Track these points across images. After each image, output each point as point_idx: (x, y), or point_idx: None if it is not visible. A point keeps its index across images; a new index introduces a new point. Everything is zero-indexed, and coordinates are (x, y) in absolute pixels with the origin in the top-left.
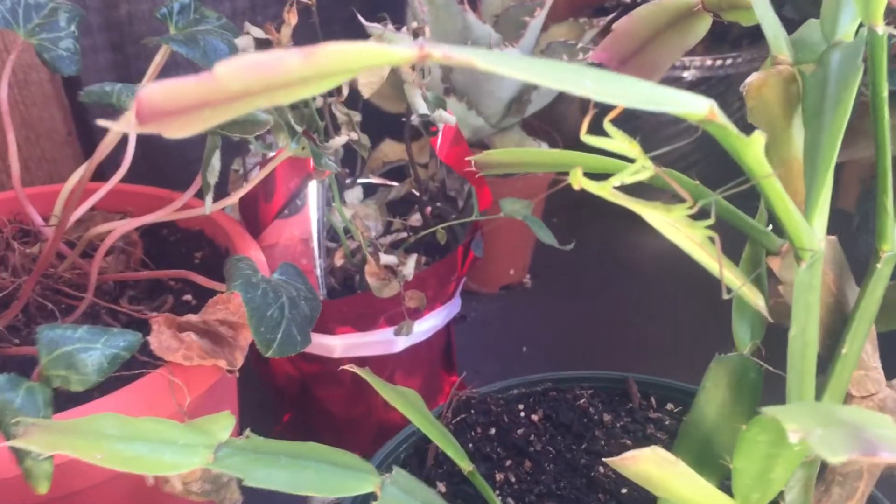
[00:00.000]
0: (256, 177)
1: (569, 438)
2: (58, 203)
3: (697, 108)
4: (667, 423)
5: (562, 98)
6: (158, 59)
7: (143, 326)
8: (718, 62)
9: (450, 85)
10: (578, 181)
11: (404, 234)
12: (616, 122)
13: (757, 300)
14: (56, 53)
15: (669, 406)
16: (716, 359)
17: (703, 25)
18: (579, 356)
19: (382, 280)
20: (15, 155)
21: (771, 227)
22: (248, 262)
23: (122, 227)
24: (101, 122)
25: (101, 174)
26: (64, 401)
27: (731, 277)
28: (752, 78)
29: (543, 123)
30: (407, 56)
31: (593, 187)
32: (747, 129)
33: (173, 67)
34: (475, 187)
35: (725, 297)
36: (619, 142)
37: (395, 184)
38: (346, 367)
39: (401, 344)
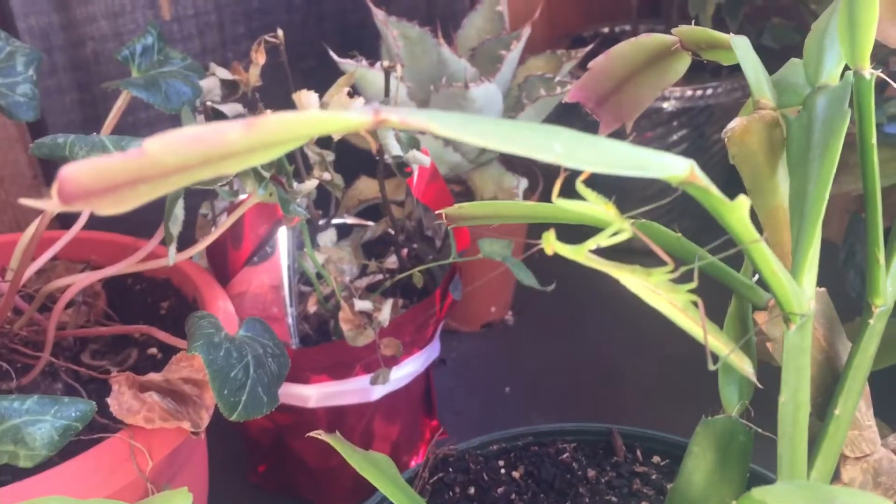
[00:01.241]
0: (223, 224)
1: (552, 496)
2: (14, 255)
3: (677, 170)
4: (653, 477)
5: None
6: (119, 104)
7: (105, 384)
8: (699, 92)
9: None
10: (551, 246)
11: (380, 277)
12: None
13: (745, 366)
14: (13, 100)
15: (656, 459)
16: (702, 422)
17: (682, 64)
18: (563, 396)
19: (357, 328)
20: None
21: (757, 277)
22: (211, 320)
23: (83, 280)
24: (24, 201)
25: (66, 220)
26: (19, 469)
27: (718, 344)
28: (735, 123)
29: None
30: (360, 123)
31: (568, 252)
32: (729, 166)
33: (141, 107)
34: (452, 228)
35: (712, 367)
36: (593, 205)
37: (370, 223)
38: (314, 434)
39: (378, 392)
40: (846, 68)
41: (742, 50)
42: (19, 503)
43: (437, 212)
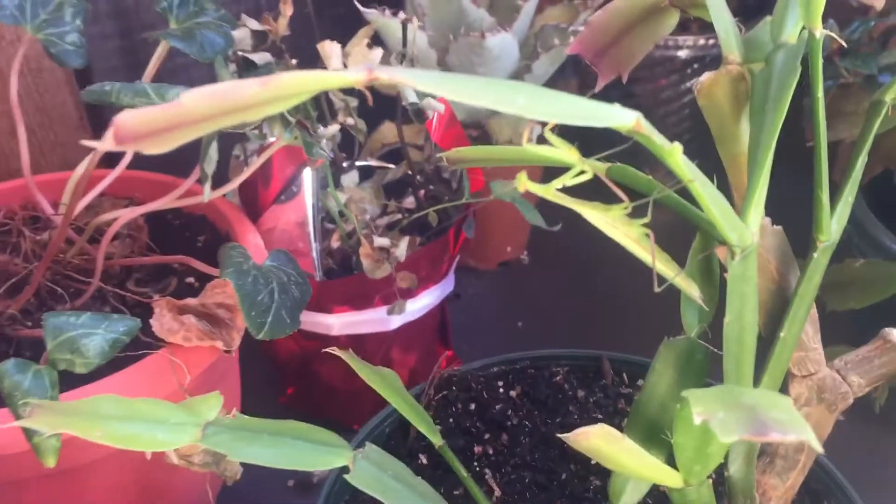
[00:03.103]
0: (253, 165)
1: (544, 413)
2: (66, 191)
3: (624, 120)
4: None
5: (559, 75)
6: (160, 52)
7: (147, 308)
8: (711, 41)
9: (445, 67)
10: (523, 184)
11: (399, 216)
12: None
13: (691, 290)
14: (62, 48)
15: (640, 382)
16: (664, 342)
17: (672, 20)
18: (573, 331)
19: (376, 262)
20: (25, 145)
21: None
22: (240, 251)
23: (127, 214)
24: (85, 143)
25: (111, 160)
26: (75, 379)
27: (665, 270)
28: (704, 77)
29: None
30: (356, 80)
31: (537, 189)
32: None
33: (179, 53)
34: (467, 170)
35: (657, 289)
36: (559, 150)
37: (392, 166)
38: (329, 349)
39: (395, 322)
40: (803, 28)
41: (715, 8)
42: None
43: (438, 154)
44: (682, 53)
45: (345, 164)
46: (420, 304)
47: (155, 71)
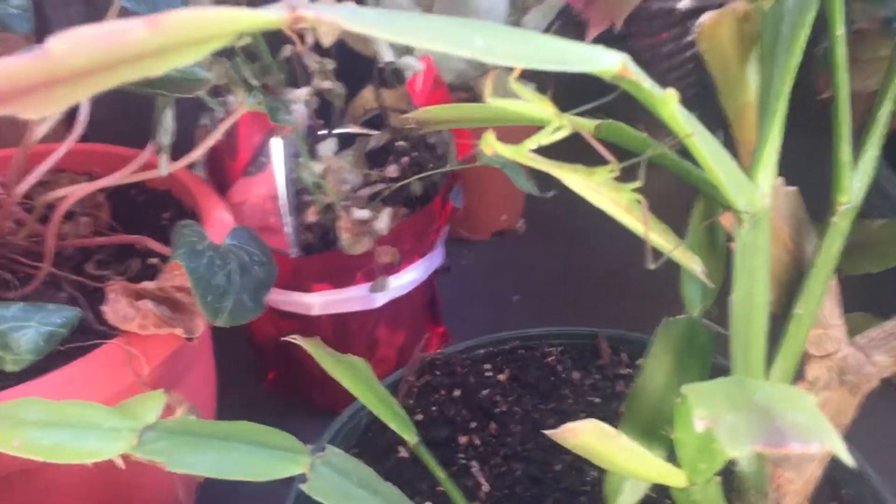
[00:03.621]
0: (212, 135)
1: (536, 398)
2: (11, 167)
3: (607, 64)
4: None
5: (553, 31)
6: (112, 13)
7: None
8: None
9: None
10: (490, 146)
11: (382, 186)
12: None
13: (692, 264)
14: (5, 11)
15: (640, 361)
16: (663, 322)
17: None
18: (572, 305)
19: (355, 236)
20: None
21: None
22: (194, 229)
23: (78, 191)
24: None
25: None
26: (26, 372)
27: (661, 242)
28: (705, 17)
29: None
30: (275, 20)
31: (508, 151)
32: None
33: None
34: (453, 135)
35: (651, 266)
36: (529, 103)
37: (375, 132)
38: (288, 338)
39: (380, 299)
40: None
41: None
42: None
43: (403, 116)
44: (683, 4)
45: (322, 132)
46: (406, 280)
47: None
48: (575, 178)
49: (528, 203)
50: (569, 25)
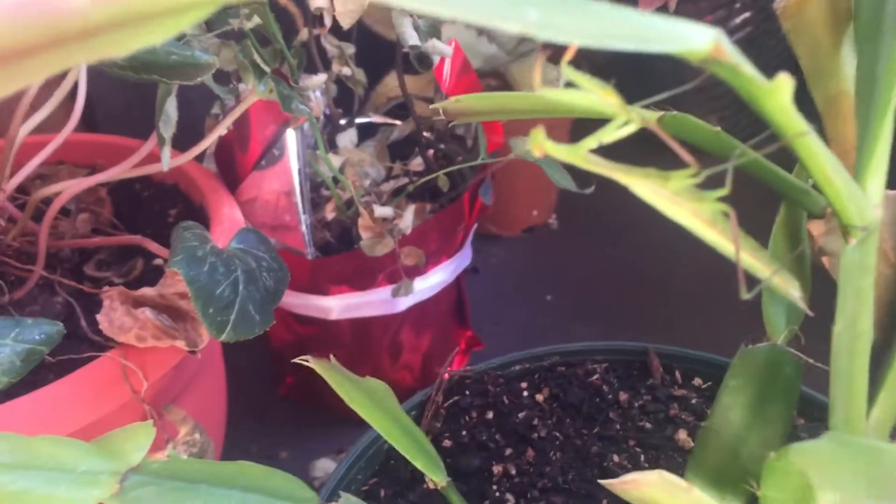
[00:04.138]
0: (220, 125)
1: (578, 422)
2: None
3: (696, 42)
4: (693, 402)
5: None
6: None
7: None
8: None
9: None
10: (539, 146)
11: (406, 180)
12: None
13: (791, 290)
14: None
15: (697, 381)
16: (741, 351)
17: None
18: (608, 306)
19: (376, 235)
20: None
21: (812, 181)
22: (196, 231)
23: (74, 186)
24: None
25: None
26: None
27: (756, 264)
28: None
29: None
30: None
31: (562, 153)
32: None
33: None
34: (483, 125)
35: (745, 296)
36: (590, 94)
37: (398, 122)
38: (298, 359)
39: (404, 303)
40: None
41: None
42: None
43: (431, 107)
44: None
45: (342, 122)
46: (431, 282)
47: None
48: (646, 186)
49: (560, 197)
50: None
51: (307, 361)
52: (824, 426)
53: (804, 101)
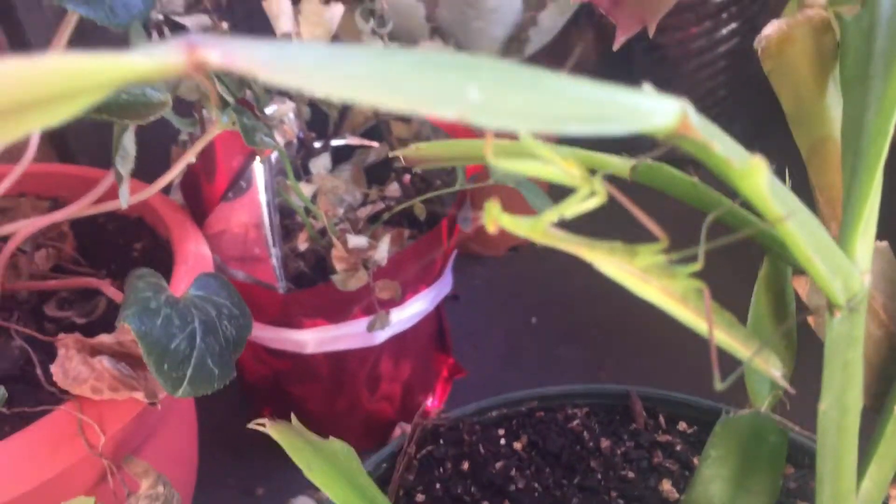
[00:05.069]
0: (182, 158)
1: (558, 471)
2: None
3: (658, 118)
4: (678, 448)
5: (572, 26)
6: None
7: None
8: None
9: (435, 23)
10: (494, 221)
11: (382, 206)
12: None
13: (772, 369)
14: None
15: (682, 426)
16: (723, 419)
17: None
18: (594, 329)
19: (350, 267)
20: None
21: None
22: (150, 280)
23: (29, 226)
24: None
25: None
26: None
27: (732, 343)
28: (771, 30)
29: (549, 59)
30: (165, 66)
31: (520, 228)
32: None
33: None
34: None
35: (719, 386)
36: (549, 164)
37: (375, 144)
38: (253, 424)
39: (381, 335)
40: None
41: None
42: None
43: (391, 154)
44: None
45: (316, 145)
46: (410, 312)
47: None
48: (612, 263)
49: None
50: (588, 25)
51: (263, 426)
52: (812, 475)
53: (787, 142)
